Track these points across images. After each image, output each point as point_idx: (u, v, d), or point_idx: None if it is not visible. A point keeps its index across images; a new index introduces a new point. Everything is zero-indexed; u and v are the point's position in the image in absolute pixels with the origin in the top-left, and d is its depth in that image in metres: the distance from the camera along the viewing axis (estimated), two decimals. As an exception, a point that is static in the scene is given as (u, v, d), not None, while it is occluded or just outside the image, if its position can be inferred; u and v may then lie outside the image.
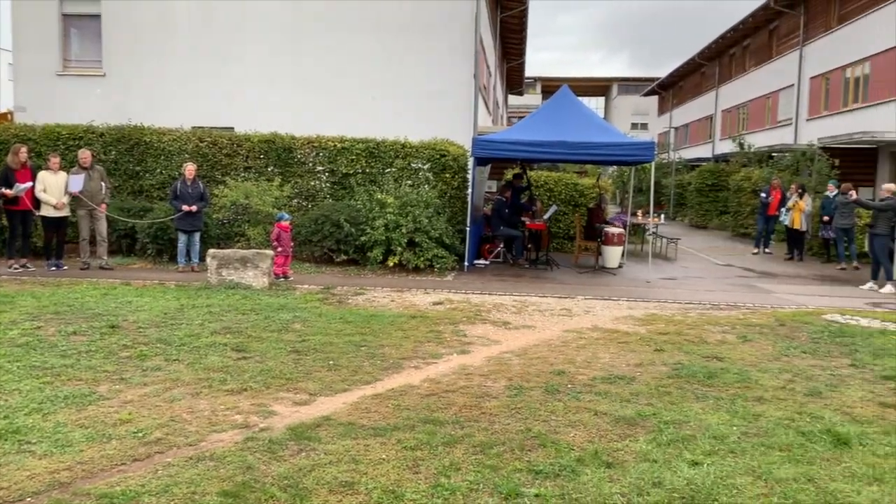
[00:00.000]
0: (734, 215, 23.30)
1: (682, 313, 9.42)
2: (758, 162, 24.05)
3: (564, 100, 13.50)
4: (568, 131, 12.28)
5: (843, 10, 24.88)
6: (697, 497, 3.87)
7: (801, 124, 27.73)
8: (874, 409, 5.51)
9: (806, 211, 16.20)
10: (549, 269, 13.36)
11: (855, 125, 22.26)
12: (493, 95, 29.47)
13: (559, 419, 5.12)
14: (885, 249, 12.17)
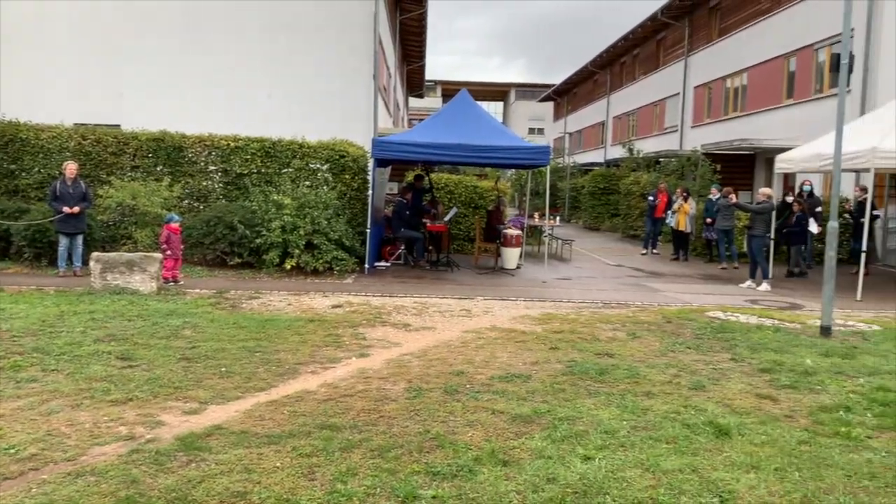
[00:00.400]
0: (624, 218, 24.26)
1: (576, 312, 9.69)
2: (646, 167, 25.15)
3: (464, 103, 13.64)
4: (467, 134, 12.42)
5: (724, 24, 26.42)
6: (590, 491, 3.98)
7: (686, 131, 29.23)
8: (752, 401, 5.83)
9: (690, 213, 17.05)
10: (449, 271, 13.45)
11: (735, 132, 23.67)
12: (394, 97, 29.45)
13: (458, 419, 5.15)
14: (762, 249, 12.96)
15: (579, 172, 34.98)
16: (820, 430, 5.15)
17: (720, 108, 26.56)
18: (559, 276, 13.68)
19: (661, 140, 31.25)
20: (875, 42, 17.13)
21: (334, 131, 14.27)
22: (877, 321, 9.62)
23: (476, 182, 17.24)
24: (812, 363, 7.05)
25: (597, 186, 27.51)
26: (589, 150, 44.60)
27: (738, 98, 25.21)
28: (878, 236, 16.63)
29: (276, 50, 18.36)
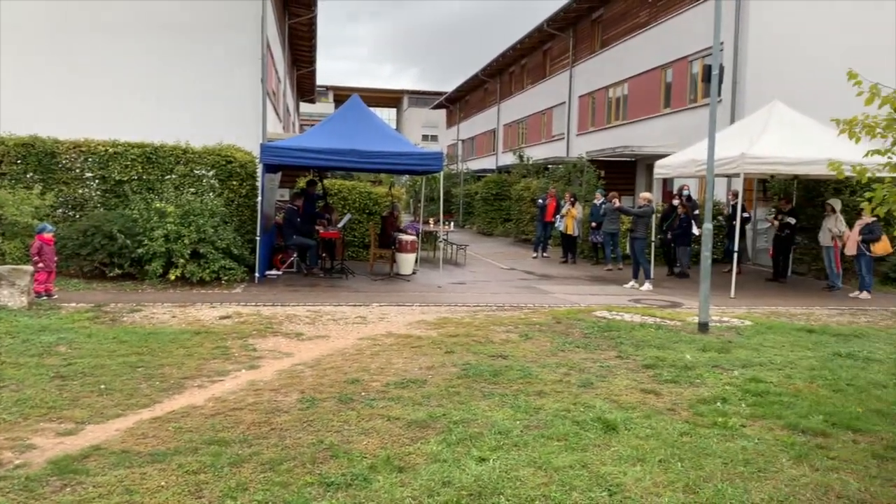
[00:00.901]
0: (516, 222, 24.82)
1: (470, 316, 9.80)
2: (536, 173, 25.84)
3: (355, 109, 13.54)
4: (359, 140, 12.33)
5: (605, 36, 27.56)
6: (484, 492, 4.01)
7: (572, 139, 30.26)
8: (637, 396, 6.08)
9: (577, 218, 17.65)
10: (344, 278, 13.30)
11: (617, 140, 24.71)
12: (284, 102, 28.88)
13: (352, 428, 5.07)
14: (644, 251, 13.57)
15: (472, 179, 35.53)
16: (699, 421, 5.42)
17: (603, 116, 27.67)
18: (454, 281, 13.80)
19: (550, 147, 32.20)
20: (742, 55, 18.34)
21: (221, 136, 13.82)
22: (749, 316, 10.26)
23: (370, 188, 17.15)
24: (691, 358, 7.43)
25: (489, 192, 28.00)
26: (481, 157, 45.36)
27: (619, 107, 26.35)
28: (748, 237, 17.78)
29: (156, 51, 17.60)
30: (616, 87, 26.53)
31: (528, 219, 23.27)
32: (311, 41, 29.63)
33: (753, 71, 18.11)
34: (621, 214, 15.50)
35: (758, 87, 17.62)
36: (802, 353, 7.80)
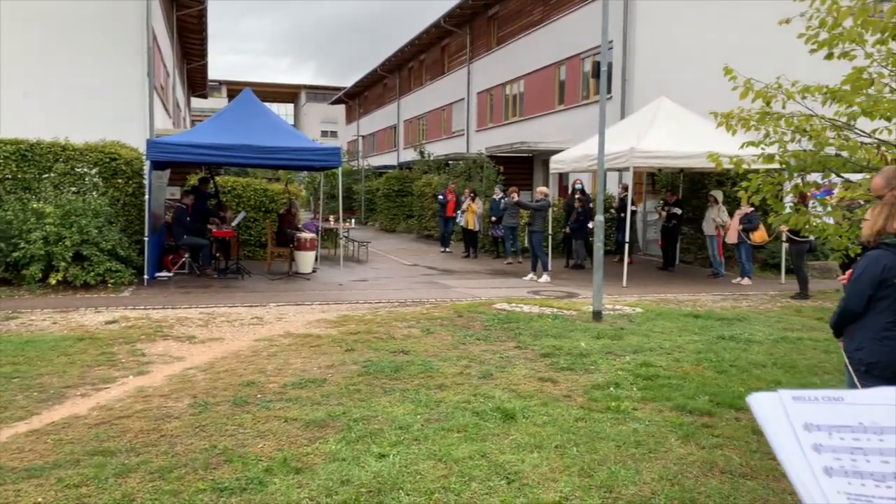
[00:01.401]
0: (419, 219, 24.86)
1: (372, 312, 9.72)
2: (437, 169, 25.97)
3: (248, 103, 13.15)
4: (253, 135, 11.98)
5: (501, 33, 27.98)
6: (384, 488, 3.97)
7: (471, 135, 30.59)
8: (535, 385, 6.19)
9: (478, 212, 17.86)
10: (240, 278, 12.91)
11: (515, 136, 25.17)
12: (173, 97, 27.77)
13: (247, 431, 4.92)
14: (542, 244, 13.88)
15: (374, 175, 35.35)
16: (594, 406, 5.58)
17: (501, 113, 28.12)
18: (356, 278, 13.67)
19: (450, 143, 32.45)
20: (631, 53, 19.05)
21: (105, 132, 13.11)
22: (640, 304, 10.68)
23: (266, 185, 16.72)
24: (586, 346, 7.65)
25: (391, 189, 27.92)
26: (382, 153, 45.18)
27: (517, 104, 26.84)
28: (639, 229, 18.51)
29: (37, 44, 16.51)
30: (513, 83, 27.00)
31: (430, 215, 23.35)
32: (202, 34, 28.60)
33: (642, 68, 18.85)
34: (520, 209, 15.79)
35: (646, 84, 18.36)
36: (689, 338, 8.18)
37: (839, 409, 0.92)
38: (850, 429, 0.89)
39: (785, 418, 0.89)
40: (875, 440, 0.89)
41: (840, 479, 0.84)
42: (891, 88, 4.41)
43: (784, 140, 4.96)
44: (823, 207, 5.58)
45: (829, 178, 5.28)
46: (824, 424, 0.89)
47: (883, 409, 0.93)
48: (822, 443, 0.86)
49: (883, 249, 3.89)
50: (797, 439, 0.86)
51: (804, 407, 0.91)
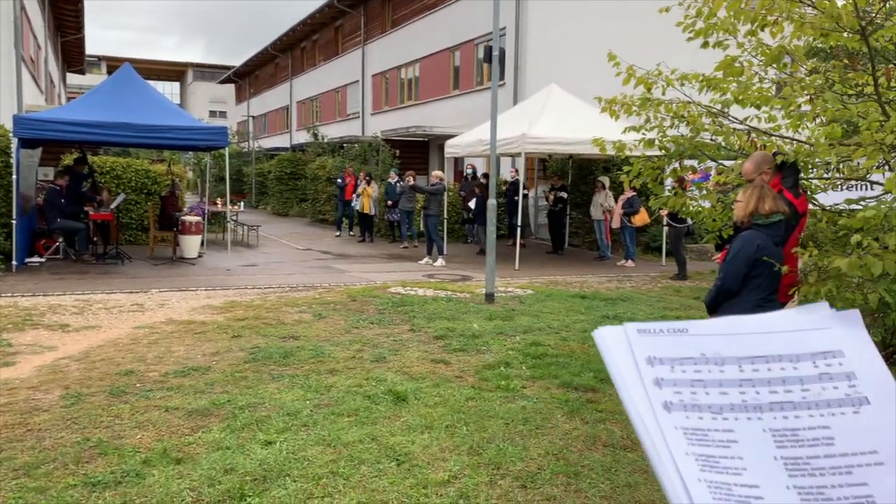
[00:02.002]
0: (313, 202, 24.39)
1: (261, 298, 9.45)
2: (331, 152, 25.54)
3: (128, 79, 12.45)
4: (133, 113, 11.35)
5: (396, 16, 27.78)
6: (270, 475, 3.86)
7: (367, 118, 30.29)
8: (427, 366, 6.21)
9: (373, 196, 17.71)
10: (119, 264, 12.23)
11: (410, 120, 25.10)
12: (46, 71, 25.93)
13: (125, 422, 4.66)
14: (437, 228, 13.93)
15: (265, 157, 34.38)
16: (484, 385, 5.66)
17: (397, 96, 27.97)
18: (245, 263, 13.26)
19: (345, 126, 31.99)
20: (523, 40, 19.36)
21: (-35, 106, 12.07)
22: (531, 286, 10.92)
23: (147, 166, 15.90)
24: (478, 327, 7.74)
25: (283, 171, 27.22)
26: (275, 135, 44.00)
27: (412, 87, 26.76)
28: (531, 213, 18.94)
29: None
30: (408, 67, 26.89)
31: (324, 198, 22.96)
32: (78, 4, 26.78)
33: (534, 55, 19.20)
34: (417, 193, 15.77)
35: (538, 70, 18.72)
36: (576, 317, 8.44)
37: (683, 340, 0.91)
38: (692, 360, 0.89)
39: (628, 352, 0.87)
40: (716, 371, 0.88)
41: (678, 413, 0.84)
42: (760, 77, 4.66)
43: (663, 126, 5.16)
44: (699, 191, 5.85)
45: (705, 163, 5.54)
46: (667, 357, 0.88)
47: (726, 339, 0.93)
48: (663, 377, 0.85)
49: (755, 230, 4.13)
50: (639, 374, 0.85)
51: (649, 340, 0.90)
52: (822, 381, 0.91)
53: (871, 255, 3.54)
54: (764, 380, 0.90)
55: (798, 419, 0.88)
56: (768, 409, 0.87)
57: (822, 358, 0.93)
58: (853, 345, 0.93)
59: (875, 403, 0.90)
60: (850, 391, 0.91)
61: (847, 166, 4.81)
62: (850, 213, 4.38)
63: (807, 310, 1.02)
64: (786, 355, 0.92)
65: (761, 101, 4.54)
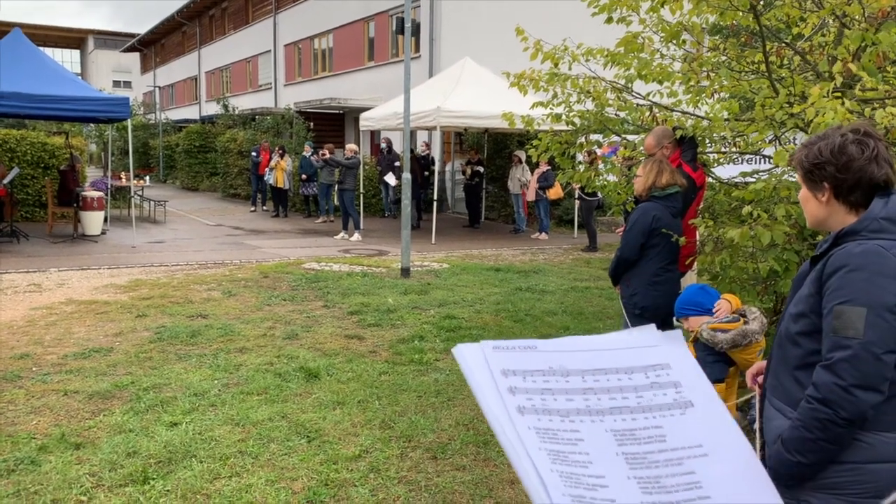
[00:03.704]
0: (223, 176, 23.65)
1: (168, 276, 9.15)
2: (243, 124, 24.78)
3: (18, 46, 11.65)
4: (25, 82, 10.64)
5: (309, -15, 27.03)
6: (175, 457, 3.77)
7: (279, 89, 29.51)
8: (341, 342, 6.17)
9: (287, 170, 17.34)
10: (15, 242, 11.57)
11: (325, 92, 24.61)
12: (-74, 35, 23.99)
13: (19, 408, 4.45)
14: (353, 202, 13.79)
15: (173, 129, 33.05)
16: (398, 359, 5.67)
17: (310, 67, 27.34)
18: (152, 240, 12.78)
19: (257, 97, 31.09)
20: (438, 12, 19.23)
21: None
22: (447, 260, 10.99)
23: (45, 139, 15.02)
24: (394, 302, 7.75)
25: (192, 144, 26.24)
26: (183, 106, 42.31)
27: (326, 58, 26.21)
28: (448, 187, 18.98)
29: None
30: (322, 37, 26.29)
31: (236, 172, 22.30)
32: (-40, -37, 24.82)
33: (448, 28, 19.12)
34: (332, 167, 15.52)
35: (452, 43, 18.66)
36: (490, 290, 8.56)
37: (533, 356, 1.03)
38: (541, 372, 1.01)
39: (486, 366, 0.96)
40: (562, 381, 1.02)
41: (531, 416, 0.94)
42: (661, 54, 4.79)
43: (570, 101, 5.24)
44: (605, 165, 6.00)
45: (610, 138, 5.68)
46: (519, 370, 0.99)
47: (569, 355, 1.07)
48: (517, 385, 0.96)
49: (652, 202, 4.27)
50: (496, 384, 0.93)
51: (503, 355, 1.00)
52: (653, 389, 1.09)
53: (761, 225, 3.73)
54: (604, 388, 1.04)
55: (635, 421, 1.04)
56: (609, 413, 1.02)
57: (653, 370, 1.09)
58: (677, 359, 1.12)
59: (698, 406, 1.09)
60: (677, 396, 1.09)
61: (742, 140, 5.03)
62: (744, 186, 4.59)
63: (638, 331, 1.21)
64: (622, 368, 1.07)
65: (662, 77, 4.67)
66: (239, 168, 21.91)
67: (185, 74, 42.26)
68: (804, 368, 1.87)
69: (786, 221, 3.76)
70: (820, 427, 1.73)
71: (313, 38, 26.81)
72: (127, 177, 16.14)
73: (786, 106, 3.92)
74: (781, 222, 3.75)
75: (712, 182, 5.24)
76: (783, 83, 4.35)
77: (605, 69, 5.06)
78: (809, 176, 1.93)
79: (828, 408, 1.72)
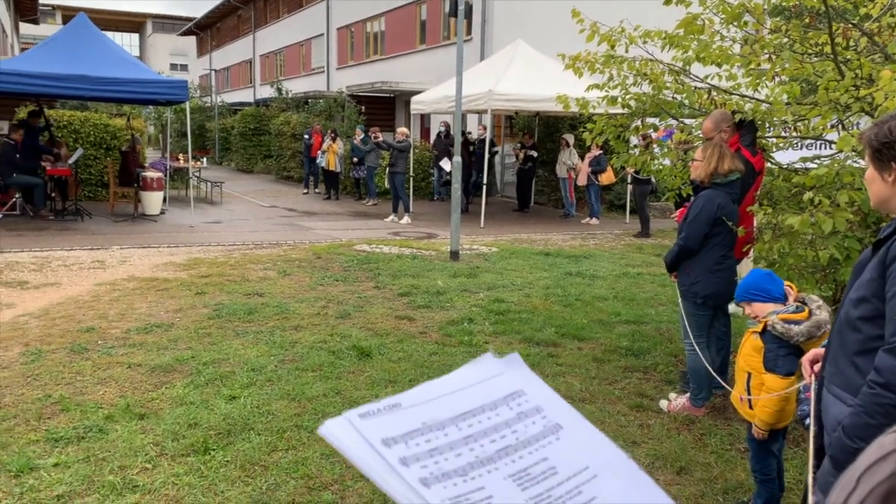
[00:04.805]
0: (277, 159, 24.03)
1: (225, 255, 9.38)
2: (295, 107, 25.09)
3: (84, 30, 12.03)
4: (89, 65, 10.99)
5: (362, -32, 27.11)
6: (234, 429, 3.91)
7: (332, 72, 29.76)
8: (392, 323, 6.26)
9: (339, 153, 17.52)
10: (79, 220, 12.00)
11: (376, 75, 24.72)
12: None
13: (86, 379, 4.65)
14: (404, 185, 13.88)
15: (229, 112, 33.66)
16: (448, 341, 5.73)
17: (362, 50, 27.48)
18: (208, 220, 13.10)
19: (310, 80, 31.41)
20: (490, -4, 19.11)
21: None
22: (496, 244, 10.99)
23: (107, 120, 15.49)
24: (443, 284, 7.80)
25: (247, 127, 26.71)
26: (238, 90, 43.03)
27: (378, 42, 26.30)
28: (496, 171, 18.93)
29: None
30: (374, 20, 26.39)
31: (289, 155, 22.64)
32: (28, -51, 25.64)
33: (501, 10, 18.98)
34: (383, 150, 15.66)
35: (505, 25, 18.52)
36: (540, 274, 8.54)
37: (402, 415, 0.92)
38: (419, 432, 0.90)
39: (362, 440, 0.88)
40: (441, 436, 0.90)
41: (436, 486, 0.85)
42: (721, 36, 4.70)
43: (626, 83, 5.18)
44: (661, 149, 5.92)
45: (667, 121, 5.59)
46: (398, 435, 0.90)
47: (434, 404, 0.95)
48: (405, 454, 0.86)
49: (715, 189, 4.21)
50: (384, 459, 0.86)
51: (373, 422, 0.91)
52: (521, 419, 0.97)
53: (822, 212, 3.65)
54: (481, 432, 0.95)
55: (522, 459, 0.92)
56: (497, 457, 0.92)
57: (512, 399, 1.02)
58: (527, 383, 1.04)
59: (566, 427, 0.99)
60: (545, 422, 0.98)
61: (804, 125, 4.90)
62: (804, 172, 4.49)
63: (477, 362, 1.10)
64: (486, 405, 0.99)
65: (722, 60, 4.59)
66: (292, 151, 22.22)
67: (239, 58, 42.93)
68: (864, 354, 1.84)
69: (848, 208, 3.67)
70: (882, 412, 1.71)
71: (366, 22, 26.91)
72: (185, 158, 16.54)
73: (851, 89, 3.81)
74: (844, 209, 3.66)
75: (771, 167, 5.13)
76: (849, 65, 4.22)
77: (662, 51, 4.98)
78: (877, 155, 1.90)
79: (891, 392, 1.70)
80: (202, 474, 3.44)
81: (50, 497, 3.19)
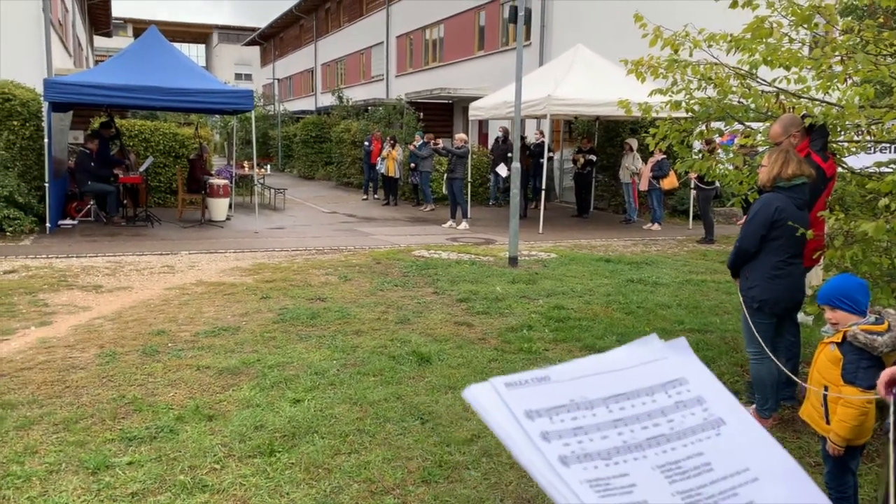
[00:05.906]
0: (338, 165, 24.44)
1: (288, 260, 9.59)
2: (356, 114, 25.47)
3: (154, 42, 12.49)
4: (160, 76, 11.41)
5: (421, -24, 27.36)
6: (298, 432, 3.99)
7: (391, 80, 30.10)
8: (451, 328, 6.29)
9: (398, 160, 17.71)
10: (149, 226, 12.45)
11: (435, 82, 24.89)
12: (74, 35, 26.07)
13: (158, 380, 4.82)
14: (462, 191, 13.93)
15: (291, 120, 34.38)
16: (507, 347, 5.73)
17: (421, 58, 27.72)
18: (272, 226, 13.41)
19: (370, 88, 31.84)
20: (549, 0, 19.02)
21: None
22: (554, 250, 10.92)
23: (175, 129, 16.02)
24: (502, 290, 7.80)
25: (309, 134, 27.26)
26: (300, 98, 43.95)
27: (437, 49, 26.49)
28: (555, 176, 18.81)
29: None
30: (433, 28, 26.59)
31: (349, 161, 22.99)
32: (103, -34, 26.77)
33: (560, 15, 18.88)
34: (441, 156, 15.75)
35: (564, 31, 18.42)
36: (600, 281, 8.45)
37: (550, 389, 0.86)
38: (565, 408, 0.84)
39: (505, 408, 0.84)
40: (589, 415, 0.85)
41: (576, 466, 0.79)
42: (789, 38, 4.58)
43: (690, 88, 5.09)
44: (726, 154, 5.79)
45: (732, 126, 5.47)
46: (543, 408, 0.85)
47: (586, 381, 0.90)
48: (547, 429, 0.81)
49: (775, 192, 4.10)
50: (524, 431, 0.80)
51: (519, 392, 0.87)
52: (679, 409, 0.90)
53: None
54: (632, 417, 0.89)
55: (675, 451, 0.86)
56: (647, 445, 0.86)
57: (672, 387, 0.94)
58: (692, 371, 0.95)
59: (730, 422, 0.91)
60: (706, 415, 0.91)
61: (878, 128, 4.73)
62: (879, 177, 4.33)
63: (639, 344, 1.03)
64: (641, 389, 0.92)
65: (791, 62, 4.46)
66: (352, 157, 22.57)
67: (302, 67, 43.83)
68: None
69: (927, 215, 3.52)
70: None
71: (425, 29, 27.14)
72: (250, 165, 16.98)
73: (930, 91, 3.66)
74: (922, 216, 3.52)
75: (843, 172, 4.96)
76: (927, 66, 4.06)
77: (727, 55, 4.88)
78: None
79: None
80: (268, 476, 3.53)
81: (125, 494, 3.32)
